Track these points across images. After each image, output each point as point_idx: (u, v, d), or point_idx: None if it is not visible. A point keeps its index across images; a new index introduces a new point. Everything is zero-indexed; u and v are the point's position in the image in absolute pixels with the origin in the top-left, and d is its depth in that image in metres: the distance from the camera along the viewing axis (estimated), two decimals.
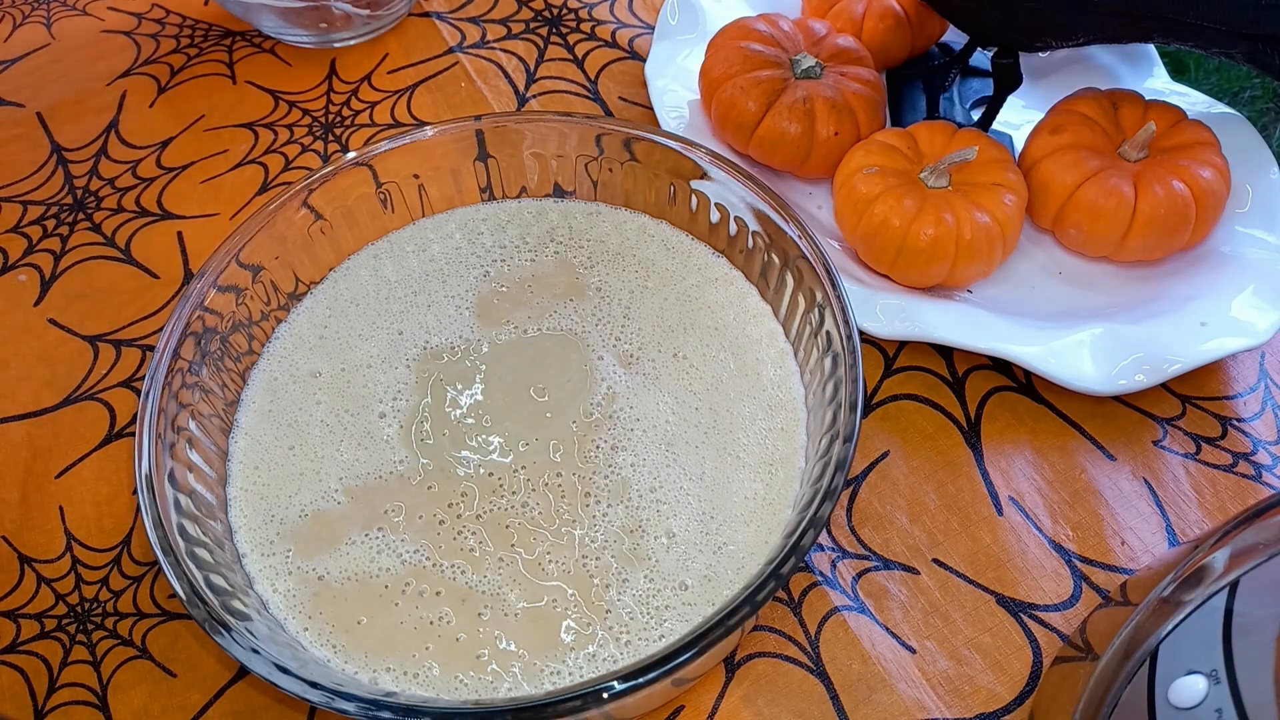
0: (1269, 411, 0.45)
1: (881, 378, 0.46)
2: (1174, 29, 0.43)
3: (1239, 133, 0.49)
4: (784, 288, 0.40)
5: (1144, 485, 0.43)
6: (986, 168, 0.45)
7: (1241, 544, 0.31)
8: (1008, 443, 0.44)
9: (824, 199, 0.51)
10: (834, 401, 0.36)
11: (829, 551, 0.41)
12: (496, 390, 0.40)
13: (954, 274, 0.45)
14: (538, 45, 0.60)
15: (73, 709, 0.39)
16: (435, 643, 0.35)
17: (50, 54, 0.61)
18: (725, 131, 0.50)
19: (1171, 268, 0.47)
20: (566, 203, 0.45)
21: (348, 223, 0.43)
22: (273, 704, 0.39)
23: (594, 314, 0.42)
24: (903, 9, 0.53)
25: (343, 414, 0.40)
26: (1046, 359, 0.43)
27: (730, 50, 0.50)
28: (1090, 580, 0.40)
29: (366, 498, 0.38)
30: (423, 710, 0.30)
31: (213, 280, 0.39)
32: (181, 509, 0.35)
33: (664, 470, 0.38)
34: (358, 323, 0.42)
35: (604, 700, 0.30)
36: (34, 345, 0.49)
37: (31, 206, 0.54)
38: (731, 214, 0.42)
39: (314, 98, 0.58)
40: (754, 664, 0.39)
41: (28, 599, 0.41)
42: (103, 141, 0.56)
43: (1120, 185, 0.45)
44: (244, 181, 0.54)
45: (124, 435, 0.46)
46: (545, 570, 0.36)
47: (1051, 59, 0.56)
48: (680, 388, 0.40)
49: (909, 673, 0.38)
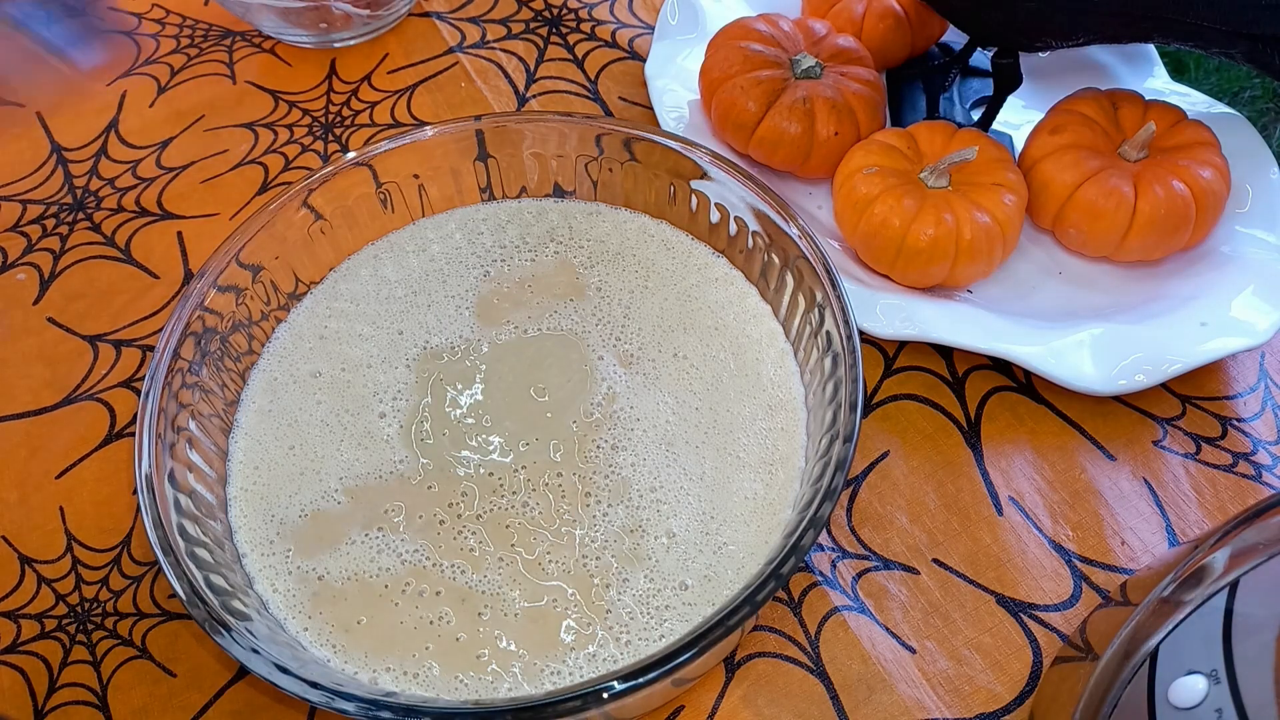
0: (1269, 411, 0.45)
1: (881, 378, 0.46)
2: (1174, 29, 0.43)
3: (1239, 133, 0.49)
4: (784, 288, 0.40)
5: (1144, 485, 0.43)
6: (986, 168, 0.45)
7: (1241, 544, 0.31)
8: (1008, 443, 0.44)
9: (824, 199, 0.51)
10: (834, 401, 0.36)
11: (829, 551, 0.41)
12: (497, 390, 0.40)
13: (954, 274, 0.45)
14: (538, 45, 0.60)
15: (73, 709, 0.39)
16: (435, 643, 0.35)
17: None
18: (725, 131, 0.50)
19: (1171, 268, 0.47)
20: (566, 203, 0.45)
21: (348, 223, 0.43)
22: (273, 704, 0.39)
23: (594, 314, 0.42)
24: (903, 9, 0.53)
25: (343, 414, 0.40)
26: (1046, 359, 0.43)
27: (730, 50, 0.50)
28: (1090, 580, 0.40)
29: (366, 497, 0.38)
30: (423, 710, 0.30)
31: (213, 280, 0.39)
32: (181, 509, 0.35)
33: (664, 470, 0.38)
34: (358, 323, 0.42)
35: (604, 700, 0.30)
36: (33, 345, 0.49)
37: (31, 206, 0.54)
38: (731, 214, 0.42)
39: (314, 98, 0.58)
40: (754, 664, 0.39)
41: (28, 599, 0.41)
42: (103, 141, 0.56)
43: (1120, 185, 0.45)
44: (244, 181, 0.54)
45: (124, 435, 0.46)
46: (545, 570, 0.36)
47: (1051, 59, 0.56)
48: (680, 388, 0.40)
49: (909, 673, 0.38)
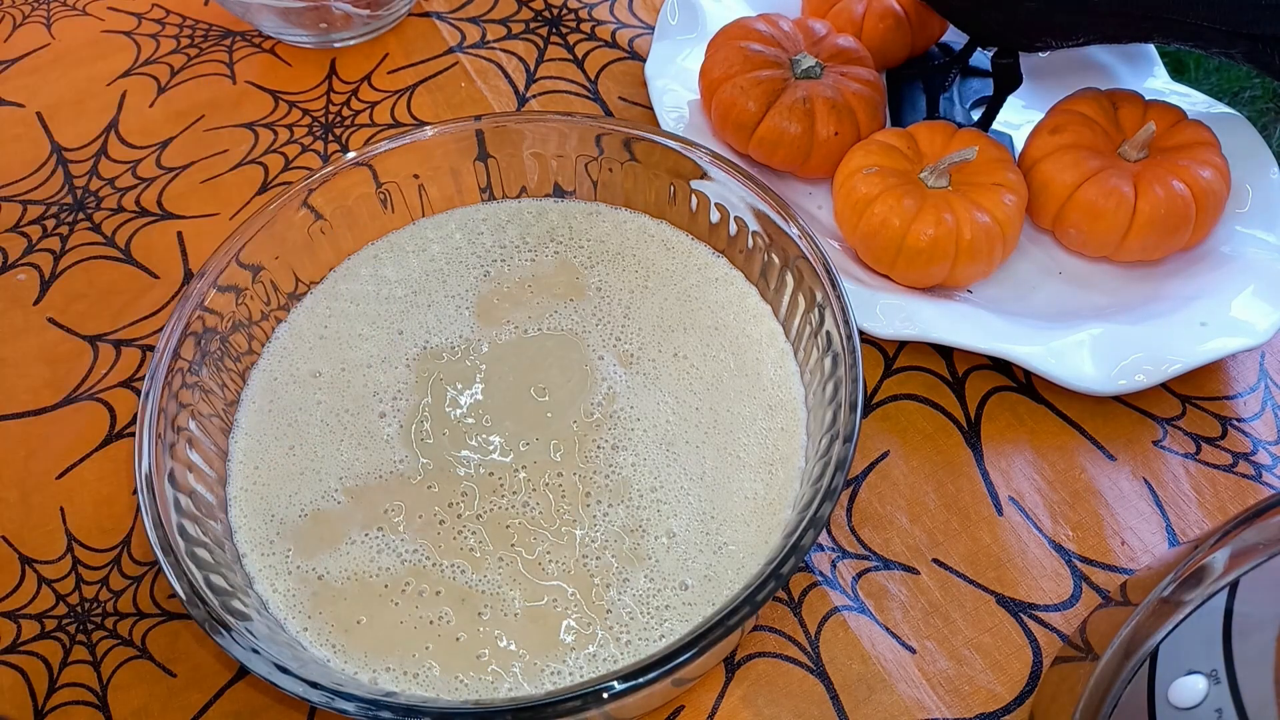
0: (1269, 411, 0.45)
1: (881, 378, 0.46)
2: (1174, 29, 0.43)
3: (1239, 133, 0.49)
4: (784, 288, 0.40)
5: (1144, 485, 0.43)
6: (986, 168, 0.45)
7: (1241, 544, 0.31)
8: (1008, 443, 0.44)
9: (824, 199, 0.51)
10: (834, 401, 0.36)
11: (829, 551, 0.41)
12: (497, 390, 0.40)
13: (954, 274, 0.45)
14: (538, 45, 0.60)
15: (73, 709, 0.39)
16: (435, 642, 0.35)
17: (50, 54, 0.61)
18: (725, 131, 0.50)
19: (1171, 268, 0.47)
20: (566, 203, 0.45)
21: (348, 223, 0.43)
22: (273, 704, 0.39)
23: (594, 314, 0.42)
24: (903, 9, 0.53)
25: (343, 414, 0.40)
26: (1046, 359, 0.43)
27: (730, 50, 0.50)
28: (1090, 580, 0.40)
29: (366, 497, 0.38)
30: (423, 710, 0.30)
31: (213, 280, 0.39)
32: (181, 509, 0.35)
33: (664, 470, 0.38)
34: (358, 323, 0.42)
35: (604, 700, 0.30)
36: (33, 344, 0.49)
37: (31, 206, 0.54)
38: (731, 214, 0.42)
39: (314, 98, 0.58)
40: (754, 664, 0.39)
41: (28, 599, 0.41)
42: (103, 141, 0.56)
43: (1120, 185, 0.45)
44: (244, 181, 0.54)
45: (124, 435, 0.46)
46: (545, 570, 0.36)
47: (1051, 59, 0.56)
48: (680, 387, 0.40)
49: (909, 673, 0.38)
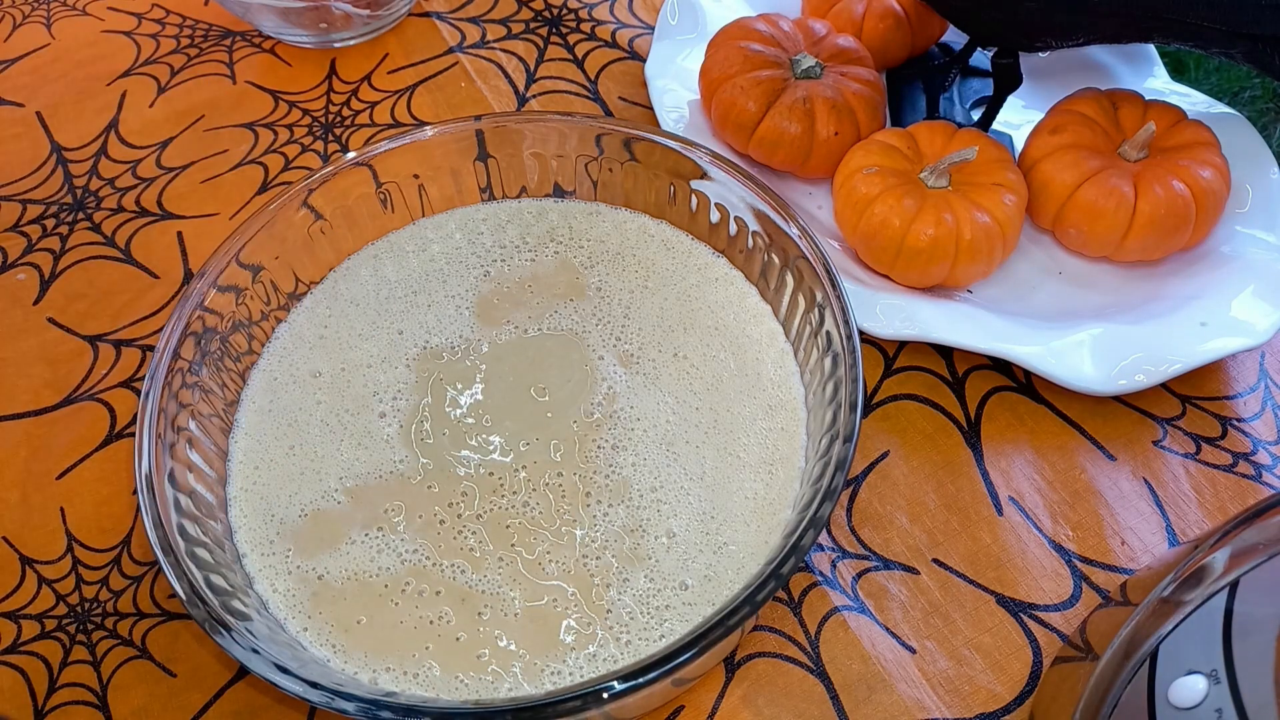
0: (1269, 411, 0.45)
1: (881, 378, 0.46)
2: (1174, 29, 0.43)
3: (1239, 133, 0.49)
4: (784, 288, 0.40)
5: (1144, 485, 0.43)
6: (986, 168, 0.45)
7: (1241, 544, 0.31)
8: (1008, 443, 0.44)
9: (824, 199, 0.51)
10: (834, 401, 0.36)
11: (829, 551, 0.41)
12: (497, 390, 0.40)
13: (954, 274, 0.45)
14: (538, 45, 0.60)
15: (73, 709, 0.39)
16: (435, 642, 0.35)
17: (50, 54, 0.61)
18: (725, 131, 0.50)
19: (1171, 268, 0.47)
20: (566, 203, 0.45)
21: (348, 223, 0.43)
22: (273, 704, 0.39)
23: (594, 314, 0.42)
24: (903, 9, 0.53)
25: (343, 414, 0.40)
26: (1046, 359, 0.43)
27: (730, 50, 0.50)
28: (1090, 580, 0.40)
29: (366, 497, 0.38)
30: (423, 710, 0.30)
31: (213, 280, 0.39)
32: (181, 509, 0.35)
33: (664, 470, 0.38)
34: (358, 323, 0.42)
35: (604, 700, 0.30)
36: (33, 345, 0.49)
37: (31, 206, 0.54)
38: (731, 214, 0.42)
39: (314, 98, 0.58)
40: (754, 664, 0.39)
41: (28, 599, 0.41)
42: (103, 141, 0.56)
43: (1120, 185, 0.45)
44: (244, 181, 0.54)
45: (124, 435, 0.46)
46: (545, 570, 0.36)
47: (1051, 59, 0.56)
48: (680, 387, 0.40)
49: (909, 673, 0.38)
